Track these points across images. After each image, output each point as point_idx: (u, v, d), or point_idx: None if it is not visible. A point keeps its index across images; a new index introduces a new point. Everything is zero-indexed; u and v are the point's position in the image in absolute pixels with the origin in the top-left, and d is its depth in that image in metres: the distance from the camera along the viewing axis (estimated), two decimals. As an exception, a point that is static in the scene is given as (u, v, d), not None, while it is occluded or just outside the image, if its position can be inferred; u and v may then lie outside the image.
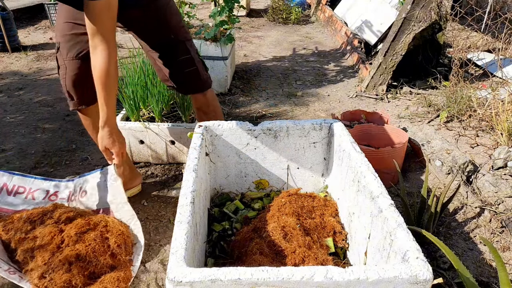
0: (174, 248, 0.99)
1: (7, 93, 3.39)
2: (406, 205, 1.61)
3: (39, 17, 6.26)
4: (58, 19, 1.68)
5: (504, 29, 2.97)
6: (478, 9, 2.79)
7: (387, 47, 3.16)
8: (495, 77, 3.07)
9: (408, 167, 2.19)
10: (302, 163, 1.78)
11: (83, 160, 2.34)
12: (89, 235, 1.55)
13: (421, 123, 2.70)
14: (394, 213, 1.12)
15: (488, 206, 1.81)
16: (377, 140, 2.14)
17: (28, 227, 1.65)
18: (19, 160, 2.34)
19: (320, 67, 4.18)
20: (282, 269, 0.92)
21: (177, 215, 1.12)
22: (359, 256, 1.34)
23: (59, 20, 1.68)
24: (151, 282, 1.48)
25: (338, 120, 1.71)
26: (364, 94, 3.30)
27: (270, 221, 1.48)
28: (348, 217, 1.47)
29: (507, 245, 1.62)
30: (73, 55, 1.66)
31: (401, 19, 3.06)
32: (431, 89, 3.21)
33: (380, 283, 0.91)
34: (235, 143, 1.70)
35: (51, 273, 1.42)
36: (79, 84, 1.74)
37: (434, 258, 1.55)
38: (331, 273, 0.91)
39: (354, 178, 1.40)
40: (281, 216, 1.49)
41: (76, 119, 2.87)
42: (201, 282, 0.89)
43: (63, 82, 1.75)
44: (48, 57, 4.40)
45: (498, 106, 2.37)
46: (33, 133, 2.68)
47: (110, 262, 1.49)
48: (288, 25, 6.11)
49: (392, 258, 1.06)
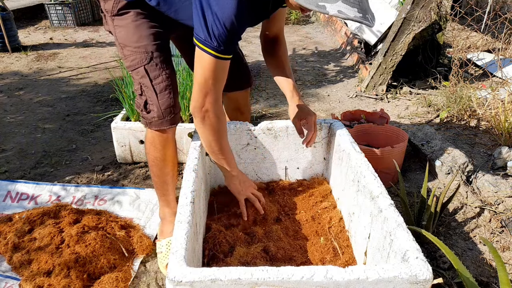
0: (174, 248, 0.99)
1: (7, 93, 3.39)
2: (406, 205, 1.61)
3: (39, 17, 6.26)
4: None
5: (504, 29, 2.98)
6: (478, 9, 2.79)
7: (387, 47, 3.16)
8: (495, 77, 3.07)
9: (408, 167, 2.19)
10: (302, 163, 1.78)
11: (83, 160, 2.34)
12: (89, 235, 1.55)
13: (421, 123, 2.71)
14: (394, 213, 1.12)
15: (488, 206, 1.81)
16: (377, 140, 2.14)
17: (27, 227, 1.65)
18: (19, 160, 2.34)
19: (320, 67, 4.18)
20: (282, 269, 0.92)
21: (177, 215, 1.13)
22: (359, 256, 1.34)
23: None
24: (151, 282, 1.48)
25: (338, 120, 1.71)
26: (364, 94, 3.30)
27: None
28: (348, 217, 1.47)
29: (507, 245, 1.62)
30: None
31: (401, 19, 3.07)
32: (431, 89, 3.21)
33: (380, 283, 0.91)
34: (235, 143, 1.71)
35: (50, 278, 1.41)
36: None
37: (433, 258, 1.55)
38: (331, 273, 0.91)
39: (354, 178, 1.40)
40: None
41: (76, 119, 2.87)
42: (201, 282, 0.90)
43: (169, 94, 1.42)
44: (48, 57, 4.40)
45: (498, 106, 2.37)
46: (33, 133, 2.69)
47: (111, 262, 1.49)
48: (288, 25, 6.11)
49: (392, 258, 1.06)
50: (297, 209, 1.65)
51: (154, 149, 1.47)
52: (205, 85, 1.24)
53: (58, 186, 2.01)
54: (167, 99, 1.39)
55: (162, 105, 1.39)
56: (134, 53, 1.38)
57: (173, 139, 1.49)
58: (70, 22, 6.01)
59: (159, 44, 1.39)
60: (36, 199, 1.92)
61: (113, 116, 2.73)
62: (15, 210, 1.83)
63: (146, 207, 1.86)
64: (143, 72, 1.38)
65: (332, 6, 0.96)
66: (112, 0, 1.37)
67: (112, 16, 1.40)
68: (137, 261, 1.55)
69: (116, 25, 1.41)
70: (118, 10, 1.37)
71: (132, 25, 1.38)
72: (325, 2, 0.97)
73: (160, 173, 1.51)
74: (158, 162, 1.49)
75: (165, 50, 1.42)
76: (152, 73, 1.38)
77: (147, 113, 1.41)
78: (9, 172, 2.21)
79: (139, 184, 2.10)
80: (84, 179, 2.14)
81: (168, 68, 1.41)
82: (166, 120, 1.41)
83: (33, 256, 1.51)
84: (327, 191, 1.71)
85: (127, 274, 1.47)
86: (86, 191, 1.98)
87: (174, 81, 1.43)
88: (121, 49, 1.42)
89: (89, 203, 1.90)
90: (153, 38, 1.38)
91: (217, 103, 1.28)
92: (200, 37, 1.17)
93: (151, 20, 1.39)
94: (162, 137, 1.44)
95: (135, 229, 1.70)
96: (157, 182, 1.54)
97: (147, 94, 1.40)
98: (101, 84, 3.59)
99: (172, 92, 1.40)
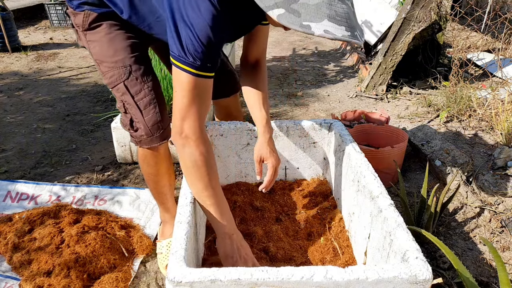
0: (174, 248, 0.99)
1: (7, 93, 3.39)
2: (406, 205, 1.61)
3: (39, 17, 6.26)
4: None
5: (504, 29, 2.98)
6: (478, 9, 2.79)
7: (387, 47, 3.16)
8: (495, 77, 3.07)
9: (408, 167, 2.19)
10: (302, 163, 1.78)
11: (83, 160, 2.34)
12: (89, 235, 1.55)
13: (421, 123, 2.71)
14: (393, 213, 1.12)
15: (488, 206, 1.81)
16: (377, 140, 2.14)
17: (27, 227, 1.65)
18: (19, 160, 2.34)
19: (320, 67, 4.18)
20: (282, 269, 0.92)
21: (177, 215, 1.13)
22: (359, 256, 1.34)
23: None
24: (151, 282, 1.48)
25: (338, 120, 1.71)
26: (364, 94, 3.30)
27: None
28: (348, 217, 1.47)
29: (507, 245, 1.62)
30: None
31: (401, 19, 3.07)
32: (431, 89, 3.21)
33: (379, 283, 0.91)
34: (235, 143, 1.71)
35: (50, 278, 1.41)
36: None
37: (433, 258, 1.55)
38: (331, 273, 0.91)
39: (354, 178, 1.40)
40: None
41: (76, 119, 2.88)
42: (201, 282, 0.89)
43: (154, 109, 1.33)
44: (48, 57, 4.40)
45: (498, 106, 2.37)
46: (33, 133, 2.69)
47: (111, 262, 1.49)
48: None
49: (391, 258, 1.06)
50: (297, 209, 1.65)
51: (147, 166, 1.40)
52: (183, 107, 1.08)
53: (58, 186, 2.01)
54: (153, 114, 1.29)
55: (148, 122, 1.29)
56: (111, 69, 1.28)
57: (166, 154, 1.40)
58: (70, 22, 6.00)
59: (137, 55, 1.29)
60: (36, 199, 1.92)
61: (113, 116, 2.73)
62: (15, 210, 1.83)
63: (146, 207, 1.86)
64: (123, 89, 1.28)
65: (318, 26, 0.86)
66: (81, 14, 1.27)
67: (84, 31, 1.30)
68: (137, 261, 1.55)
69: (90, 40, 1.30)
70: (90, 23, 1.28)
71: (106, 39, 1.27)
72: (310, 21, 0.87)
73: (156, 186, 1.47)
74: (152, 177, 1.44)
75: (144, 61, 1.32)
76: (133, 89, 1.28)
77: (134, 132, 1.33)
78: (9, 172, 2.21)
79: (139, 184, 2.10)
80: (84, 179, 2.14)
81: (150, 80, 1.30)
82: (155, 137, 1.32)
83: (33, 256, 1.51)
84: (327, 191, 1.71)
85: (127, 274, 1.47)
86: (86, 191, 1.98)
87: (159, 92, 1.32)
88: (97, 65, 1.32)
89: (89, 203, 1.90)
90: (130, 50, 1.28)
91: (198, 130, 1.11)
92: (174, 53, 1.05)
93: (126, 31, 1.29)
94: (153, 154, 1.36)
95: (135, 229, 1.70)
96: (154, 194, 1.51)
97: (131, 112, 1.30)
98: (101, 84, 3.59)
99: (157, 106, 1.30)
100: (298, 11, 0.88)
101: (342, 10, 0.89)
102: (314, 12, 0.87)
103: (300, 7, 0.88)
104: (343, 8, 0.89)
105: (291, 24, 0.88)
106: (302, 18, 0.87)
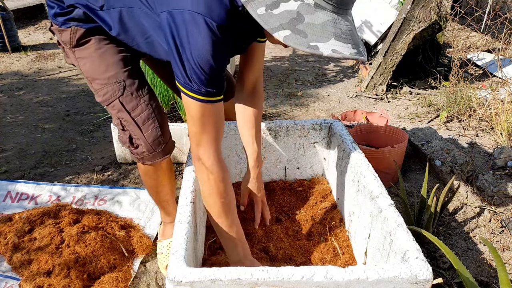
0: (174, 248, 0.99)
1: (7, 93, 3.39)
2: (406, 205, 1.61)
3: (39, 17, 6.26)
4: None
5: (504, 29, 2.98)
6: (478, 9, 2.79)
7: (387, 47, 3.16)
8: (495, 77, 3.07)
9: (408, 167, 2.19)
10: (302, 163, 1.78)
11: (83, 160, 2.34)
12: (89, 235, 1.55)
13: (421, 123, 2.71)
14: (394, 213, 1.12)
15: (488, 206, 1.81)
16: (377, 140, 2.14)
17: (27, 227, 1.65)
18: (19, 160, 2.34)
19: (320, 67, 4.18)
20: (282, 269, 0.92)
21: (177, 215, 1.13)
22: (359, 256, 1.34)
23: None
24: (151, 282, 1.48)
25: (338, 120, 1.71)
26: (364, 94, 3.30)
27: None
28: (348, 217, 1.47)
29: (507, 245, 1.62)
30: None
31: (401, 19, 3.07)
32: (431, 89, 3.21)
33: (380, 283, 0.91)
34: (235, 143, 1.71)
35: (50, 278, 1.41)
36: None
37: (434, 258, 1.55)
38: (331, 273, 0.91)
39: (354, 178, 1.40)
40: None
41: (76, 119, 2.88)
42: (201, 282, 0.90)
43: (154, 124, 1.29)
44: (48, 57, 4.40)
45: (498, 106, 2.37)
46: (33, 133, 2.68)
47: (111, 262, 1.49)
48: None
49: (392, 258, 1.06)
50: (297, 209, 1.65)
51: (149, 179, 1.38)
52: (196, 134, 1.09)
53: (58, 186, 2.01)
54: (152, 130, 1.25)
55: (148, 138, 1.25)
56: (105, 86, 1.23)
57: (168, 166, 1.37)
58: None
59: (130, 69, 1.25)
60: (36, 199, 1.92)
61: (113, 116, 2.72)
62: (15, 210, 1.83)
63: (146, 207, 1.86)
64: (119, 106, 1.23)
65: (325, 46, 0.85)
66: (68, 31, 1.21)
67: (71, 48, 1.24)
68: (137, 261, 1.55)
69: (79, 57, 1.25)
70: (78, 40, 1.22)
71: (97, 54, 1.23)
72: (317, 41, 0.85)
73: (158, 196, 1.45)
74: (155, 188, 1.42)
75: (138, 75, 1.28)
76: (129, 105, 1.23)
77: (135, 148, 1.28)
78: (9, 172, 2.21)
79: (139, 184, 2.10)
80: (84, 179, 2.14)
81: (146, 94, 1.26)
82: (158, 153, 1.28)
83: (33, 256, 1.51)
84: (327, 191, 1.71)
85: (127, 274, 1.47)
86: (86, 191, 1.98)
87: (156, 105, 1.28)
88: (89, 83, 1.28)
89: (89, 203, 1.90)
90: (122, 65, 1.24)
91: (212, 156, 1.10)
92: (180, 80, 1.03)
93: (116, 44, 1.24)
94: (156, 169, 1.33)
95: (135, 229, 1.70)
96: (156, 201, 1.50)
97: (129, 129, 1.26)
98: (101, 84, 3.59)
99: (156, 120, 1.26)
100: (304, 31, 0.86)
101: (346, 27, 0.89)
102: (320, 31, 0.86)
103: (306, 28, 0.86)
104: (347, 25, 0.89)
105: (298, 45, 0.86)
106: (309, 38, 0.86)
